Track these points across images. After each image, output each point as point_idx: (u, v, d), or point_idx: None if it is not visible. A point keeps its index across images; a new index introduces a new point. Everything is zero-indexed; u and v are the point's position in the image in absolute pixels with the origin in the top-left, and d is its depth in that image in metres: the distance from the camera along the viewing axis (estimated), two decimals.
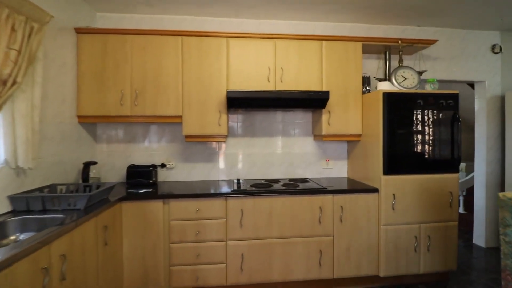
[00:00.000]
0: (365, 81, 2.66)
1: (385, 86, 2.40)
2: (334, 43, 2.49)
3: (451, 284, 2.41)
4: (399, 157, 2.27)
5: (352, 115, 2.52)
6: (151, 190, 2.24)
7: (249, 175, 2.77)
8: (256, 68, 2.40)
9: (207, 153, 2.72)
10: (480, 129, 3.19)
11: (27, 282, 1.10)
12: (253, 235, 2.14)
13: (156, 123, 2.64)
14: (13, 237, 1.48)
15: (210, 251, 2.10)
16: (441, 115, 2.32)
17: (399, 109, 2.27)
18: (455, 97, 2.33)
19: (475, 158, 3.26)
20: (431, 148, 2.31)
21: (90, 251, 1.59)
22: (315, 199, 2.21)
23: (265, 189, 2.21)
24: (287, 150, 2.82)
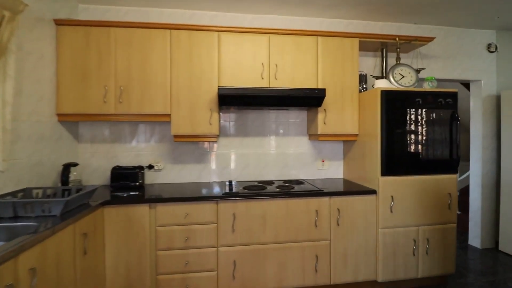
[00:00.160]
0: (362, 79, 2.59)
1: (382, 84, 2.33)
2: (330, 39, 2.40)
3: None
4: (397, 158, 2.20)
5: (348, 114, 2.44)
6: (137, 193, 2.10)
7: (241, 177, 2.65)
8: (249, 64, 2.29)
9: (197, 154, 2.59)
10: (475, 128, 3.16)
11: None
12: (246, 240, 2.03)
13: (143, 121, 2.49)
14: None
15: (200, 258, 1.97)
16: (439, 114, 2.25)
17: (397, 108, 2.19)
18: (453, 96, 2.27)
19: (471, 158, 3.23)
20: (429, 148, 2.24)
21: (66, 262, 1.44)
22: (311, 201, 2.11)
23: (259, 192, 2.10)
24: (281, 150, 2.71)
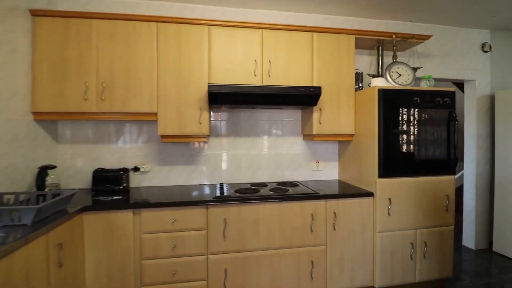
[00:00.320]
0: (358, 78, 2.50)
1: (379, 82, 2.25)
2: (326, 35, 2.30)
3: None
4: (395, 159, 2.12)
5: (344, 113, 2.35)
6: (121, 197, 1.96)
7: (233, 179, 2.53)
8: (241, 60, 2.17)
9: (187, 155, 2.45)
10: (469, 129, 3.13)
11: None
12: (238, 247, 1.91)
13: (128, 120, 2.34)
14: None
15: (188, 267, 1.84)
16: (437, 113, 2.19)
17: (395, 107, 2.11)
18: (451, 95, 2.21)
19: (465, 158, 3.20)
20: (427, 148, 2.18)
21: (38, 277, 1.29)
22: (306, 205, 2.01)
23: (251, 195, 1.99)
24: (275, 151, 2.61)
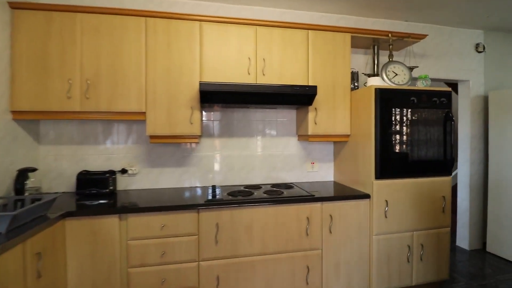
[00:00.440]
0: (353, 77, 2.45)
1: (376, 81, 2.20)
2: (321, 33, 2.24)
3: None
4: (392, 160, 2.08)
5: (340, 113, 2.29)
6: (107, 201, 1.85)
7: (226, 181, 2.44)
8: (234, 58, 2.09)
9: (177, 156, 2.36)
10: (463, 129, 3.13)
11: None
12: (231, 253, 1.83)
13: (115, 120, 2.23)
14: None
15: (179, 275, 1.75)
16: (434, 113, 2.16)
17: (391, 107, 2.07)
18: (448, 95, 2.18)
19: (459, 158, 3.19)
20: (424, 149, 2.14)
21: None
22: (302, 208, 1.95)
23: (245, 199, 1.91)
24: (269, 151, 2.53)
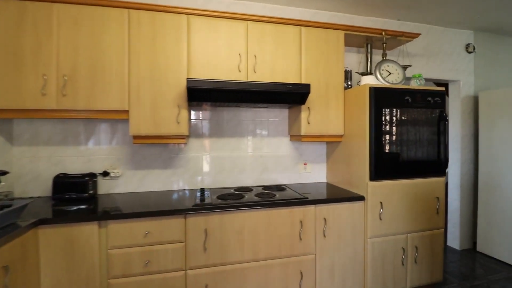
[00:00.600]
0: (347, 76, 2.40)
1: (370, 80, 2.15)
2: (314, 30, 2.17)
3: None
4: (386, 160, 2.03)
5: (333, 112, 2.23)
6: (86, 207, 1.71)
7: (216, 183, 2.34)
8: (224, 54, 1.99)
9: (164, 157, 2.23)
10: (454, 129, 3.13)
11: None
12: (220, 260, 1.73)
13: (97, 119, 2.09)
14: None
15: (164, 285, 1.63)
16: (428, 113, 2.12)
17: (386, 106, 2.02)
18: (442, 95, 2.14)
19: (449, 158, 3.19)
20: (419, 149, 2.10)
21: None
22: (295, 211, 1.87)
23: (235, 202, 1.81)
24: (260, 152, 2.44)
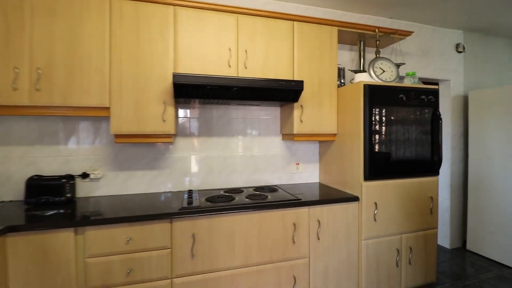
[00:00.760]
0: (340, 73, 2.34)
1: (363, 78, 2.09)
2: (307, 25, 2.10)
3: None
4: (381, 160, 1.98)
5: (326, 110, 2.17)
6: (62, 211, 1.58)
7: (204, 184, 2.23)
8: (213, 48, 1.89)
9: (149, 158, 2.11)
10: (444, 128, 3.14)
11: None
12: (209, 267, 1.63)
13: (77, 117, 1.95)
14: None
15: None
16: (422, 112, 2.09)
17: (380, 104, 1.97)
18: (435, 93, 2.12)
19: None
20: (413, 149, 2.06)
21: None
22: (288, 213, 1.79)
23: (225, 205, 1.71)
24: (251, 152, 2.35)
